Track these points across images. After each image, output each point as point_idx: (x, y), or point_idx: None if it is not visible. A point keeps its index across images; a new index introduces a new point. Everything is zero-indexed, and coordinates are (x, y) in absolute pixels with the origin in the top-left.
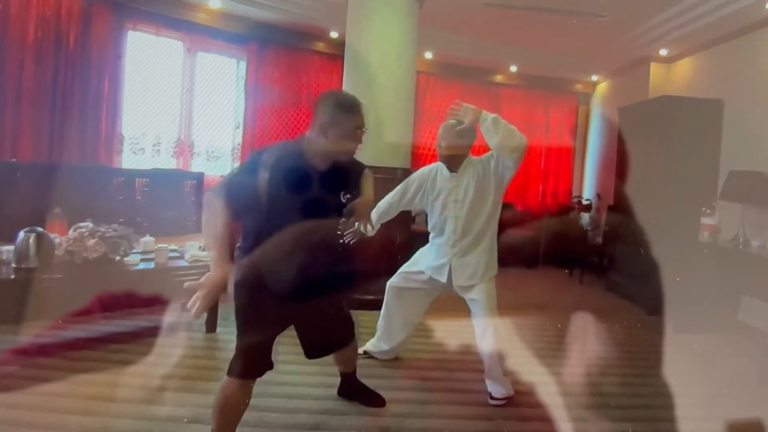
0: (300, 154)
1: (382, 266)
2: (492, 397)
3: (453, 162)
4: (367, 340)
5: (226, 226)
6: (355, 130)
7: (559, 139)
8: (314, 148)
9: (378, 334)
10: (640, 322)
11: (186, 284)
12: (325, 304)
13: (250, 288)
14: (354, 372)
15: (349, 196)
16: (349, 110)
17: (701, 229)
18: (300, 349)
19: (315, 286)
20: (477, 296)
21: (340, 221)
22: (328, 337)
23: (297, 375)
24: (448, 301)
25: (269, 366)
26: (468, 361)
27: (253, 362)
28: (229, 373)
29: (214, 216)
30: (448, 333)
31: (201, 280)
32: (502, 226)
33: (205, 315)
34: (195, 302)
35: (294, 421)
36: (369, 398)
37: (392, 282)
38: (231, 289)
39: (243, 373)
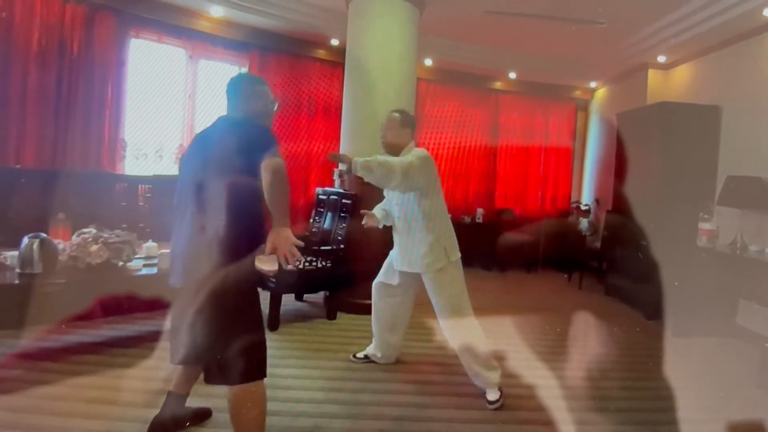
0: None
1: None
2: (489, 402)
3: (392, 151)
4: (364, 346)
5: None
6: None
7: (558, 145)
8: (259, 117)
9: (374, 339)
10: (639, 326)
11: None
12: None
13: (254, 280)
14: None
15: None
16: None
17: (699, 233)
18: (299, 353)
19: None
20: (428, 288)
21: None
22: None
23: (297, 379)
24: None
25: None
26: None
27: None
28: (256, 377)
29: (286, 183)
30: None
31: (273, 240)
32: (501, 230)
33: None
34: (290, 256)
35: (294, 424)
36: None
37: (376, 279)
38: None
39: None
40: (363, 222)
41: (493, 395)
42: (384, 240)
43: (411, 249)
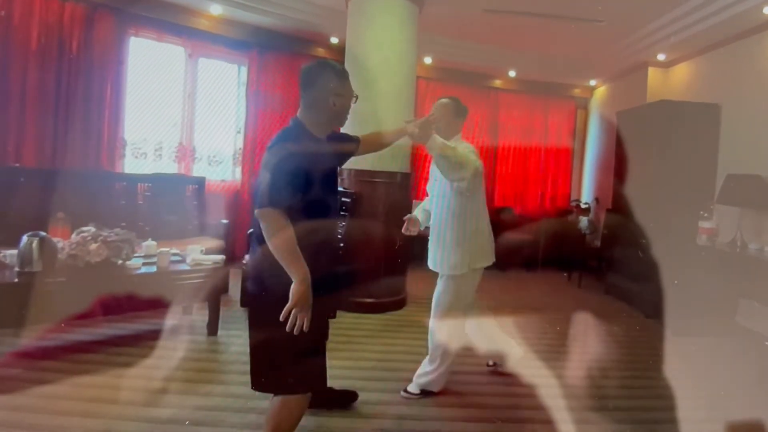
0: (309, 132)
1: (382, 269)
2: (404, 389)
3: None
4: (365, 345)
5: (294, 235)
6: (354, 96)
7: (557, 143)
8: (318, 120)
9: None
10: (639, 324)
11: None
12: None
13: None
14: None
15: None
16: (348, 78)
17: (699, 232)
18: None
19: (340, 278)
20: (438, 284)
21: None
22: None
23: None
24: None
25: None
26: (468, 363)
27: (324, 369)
28: (299, 390)
29: (283, 230)
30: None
31: (294, 299)
32: (501, 229)
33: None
34: (296, 321)
35: None
36: (343, 398)
37: None
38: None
39: (323, 381)
40: (403, 229)
41: (413, 388)
42: (384, 239)
43: (438, 248)
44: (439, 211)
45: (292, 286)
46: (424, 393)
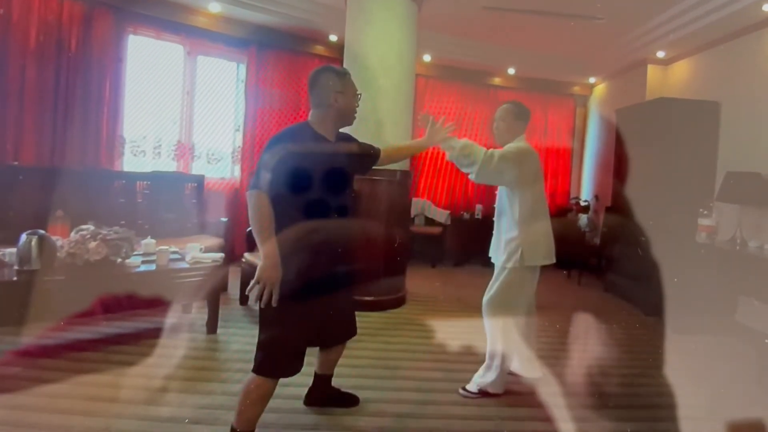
0: (312, 129)
1: (382, 267)
2: (462, 387)
3: (499, 141)
4: (365, 343)
5: (272, 217)
6: (356, 94)
7: (557, 141)
8: (323, 119)
9: None
10: (638, 322)
11: (248, 289)
12: (347, 294)
13: (296, 285)
14: (332, 376)
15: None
16: (349, 78)
17: (698, 230)
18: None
19: (345, 275)
20: (494, 275)
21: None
22: (340, 327)
23: (297, 375)
24: (447, 301)
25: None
26: (467, 361)
27: (298, 360)
28: (260, 371)
29: (259, 210)
30: (447, 333)
31: (257, 274)
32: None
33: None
34: (260, 294)
35: (293, 421)
36: (345, 400)
37: None
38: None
39: (290, 371)
40: None
41: (471, 386)
42: (383, 237)
43: (495, 240)
44: (498, 204)
45: (261, 262)
46: (483, 393)
